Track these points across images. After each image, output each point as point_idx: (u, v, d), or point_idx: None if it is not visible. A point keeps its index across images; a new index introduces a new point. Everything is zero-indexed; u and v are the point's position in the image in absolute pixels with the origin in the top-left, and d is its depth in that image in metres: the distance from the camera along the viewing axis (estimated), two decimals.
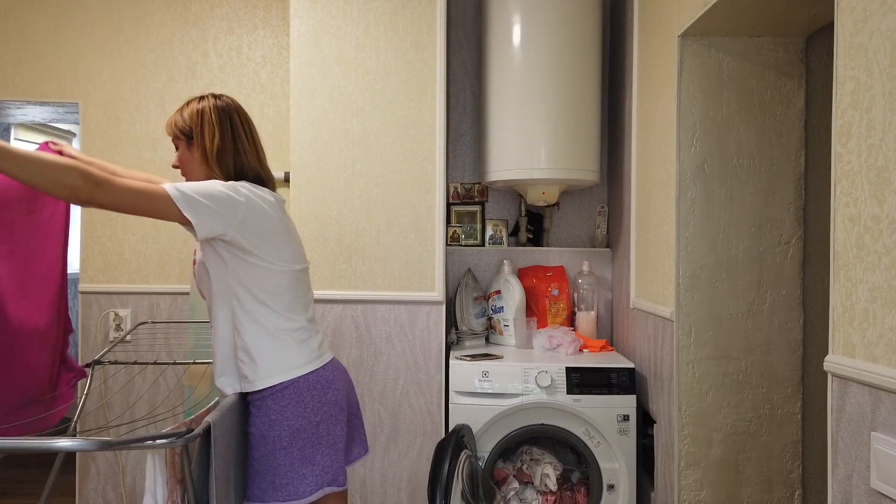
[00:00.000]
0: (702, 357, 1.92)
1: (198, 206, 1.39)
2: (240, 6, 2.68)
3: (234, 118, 1.59)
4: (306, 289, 1.62)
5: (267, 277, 1.50)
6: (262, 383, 1.49)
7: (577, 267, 2.83)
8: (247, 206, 1.45)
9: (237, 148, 1.56)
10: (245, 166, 1.57)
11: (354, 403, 1.71)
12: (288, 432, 1.48)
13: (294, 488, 1.47)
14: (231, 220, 1.43)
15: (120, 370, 2.55)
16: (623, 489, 2.25)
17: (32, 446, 1.18)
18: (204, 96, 1.60)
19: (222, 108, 1.58)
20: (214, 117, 1.56)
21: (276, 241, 1.51)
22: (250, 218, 1.46)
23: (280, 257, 1.52)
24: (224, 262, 1.48)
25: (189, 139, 1.56)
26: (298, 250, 1.61)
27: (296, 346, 1.53)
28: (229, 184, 1.47)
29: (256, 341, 1.50)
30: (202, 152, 1.55)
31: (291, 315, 1.54)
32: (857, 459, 1.12)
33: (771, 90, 1.91)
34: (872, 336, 1.08)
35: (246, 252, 1.47)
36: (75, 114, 2.80)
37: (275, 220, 1.52)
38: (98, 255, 2.65)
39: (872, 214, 1.08)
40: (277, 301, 1.51)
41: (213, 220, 1.41)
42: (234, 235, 1.44)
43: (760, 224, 1.92)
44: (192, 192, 1.39)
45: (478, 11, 2.88)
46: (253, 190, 1.50)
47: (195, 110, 1.56)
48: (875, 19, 1.08)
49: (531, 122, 2.45)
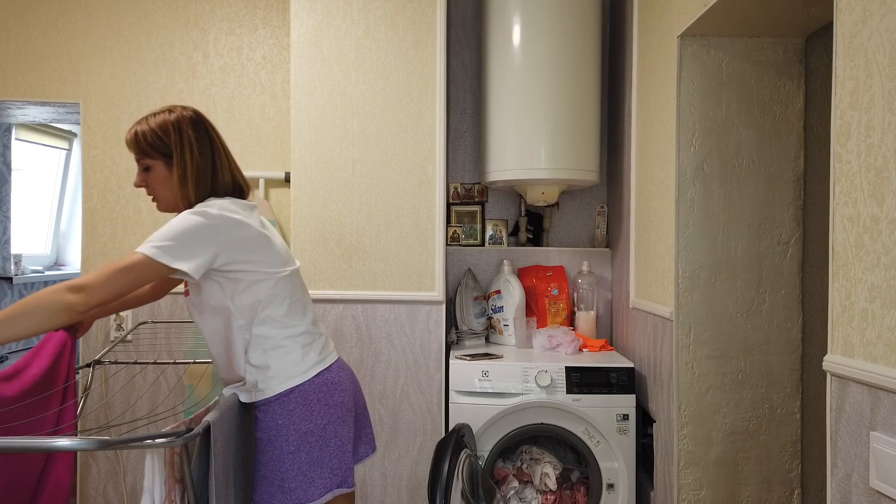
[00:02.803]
0: (701, 357, 1.92)
1: (180, 251, 1.34)
2: (240, 6, 2.69)
3: (209, 131, 1.50)
4: (302, 291, 1.59)
5: (260, 289, 1.46)
6: (272, 391, 1.49)
7: (576, 267, 2.83)
8: (223, 224, 1.40)
9: (215, 164, 1.49)
10: (220, 182, 1.49)
11: (361, 403, 1.70)
12: (296, 437, 1.47)
13: (304, 492, 1.46)
14: (215, 244, 1.38)
15: (120, 370, 2.55)
16: (622, 488, 2.25)
17: (32, 446, 1.18)
18: (172, 108, 1.49)
19: (197, 120, 1.48)
20: (192, 132, 1.46)
21: (259, 250, 1.47)
22: (230, 234, 1.41)
23: (269, 265, 1.48)
24: (220, 288, 1.44)
25: (167, 157, 1.45)
26: (284, 253, 1.55)
27: (300, 351, 1.52)
28: (196, 210, 1.40)
29: (262, 355, 1.49)
30: (181, 172, 1.45)
31: (291, 321, 1.52)
32: (856, 459, 1.12)
33: (770, 90, 1.91)
34: (871, 336, 1.08)
35: (236, 270, 1.43)
36: (76, 114, 2.80)
37: (252, 230, 1.46)
38: (99, 255, 2.65)
39: (871, 214, 1.08)
40: (276, 310, 1.49)
41: (202, 254, 1.36)
42: (223, 258, 1.40)
43: (760, 224, 1.92)
44: (168, 241, 1.34)
45: (478, 11, 2.88)
46: (222, 205, 1.44)
47: (169, 123, 1.45)
48: (874, 19, 1.08)
49: (531, 122, 2.45)
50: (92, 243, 2.65)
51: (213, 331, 1.51)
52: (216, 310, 1.48)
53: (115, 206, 2.65)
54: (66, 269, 4.30)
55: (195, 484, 1.33)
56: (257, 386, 1.50)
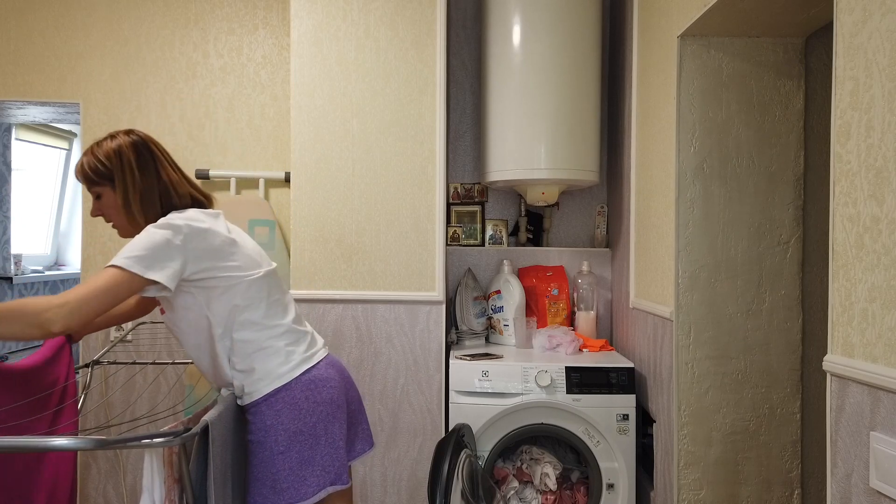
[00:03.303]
0: (701, 357, 1.92)
1: (151, 261, 1.34)
2: (240, 7, 2.69)
3: (153, 150, 1.51)
4: (280, 291, 1.58)
5: (235, 294, 1.46)
6: (259, 393, 1.49)
7: (576, 267, 2.83)
8: (189, 233, 1.41)
9: (163, 185, 1.49)
10: (175, 201, 1.50)
11: (355, 399, 1.69)
12: (285, 437, 1.47)
13: (296, 491, 1.46)
14: (183, 253, 1.39)
15: (120, 370, 2.55)
16: (622, 488, 2.25)
17: (31, 445, 1.18)
18: (114, 135, 1.50)
19: (139, 143, 1.49)
20: (133, 156, 1.47)
21: (229, 255, 1.47)
22: (198, 243, 1.42)
23: (240, 268, 1.48)
24: (195, 299, 1.44)
25: (112, 182, 1.47)
26: (255, 255, 1.54)
27: (284, 351, 1.52)
28: (161, 222, 1.41)
29: (246, 359, 1.49)
30: (124, 195, 1.46)
31: (272, 321, 1.52)
32: (856, 459, 1.12)
33: (770, 90, 1.91)
34: (871, 336, 1.08)
35: (208, 278, 1.43)
36: (76, 114, 2.80)
37: (220, 236, 1.46)
38: (99, 255, 2.65)
39: (871, 214, 1.08)
40: (254, 312, 1.49)
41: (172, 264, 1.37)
42: (192, 266, 1.41)
43: (760, 224, 1.92)
44: (140, 252, 1.35)
45: (478, 11, 2.88)
46: (187, 216, 1.45)
47: (111, 150, 1.47)
48: (874, 20, 1.08)
49: (531, 122, 2.45)
50: (92, 243, 2.65)
51: (194, 344, 1.51)
52: (194, 322, 1.48)
53: None
54: (66, 269, 4.30)
55: (194, 483, 1.33)
56: (244, 389, 1.50)
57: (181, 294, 1.44)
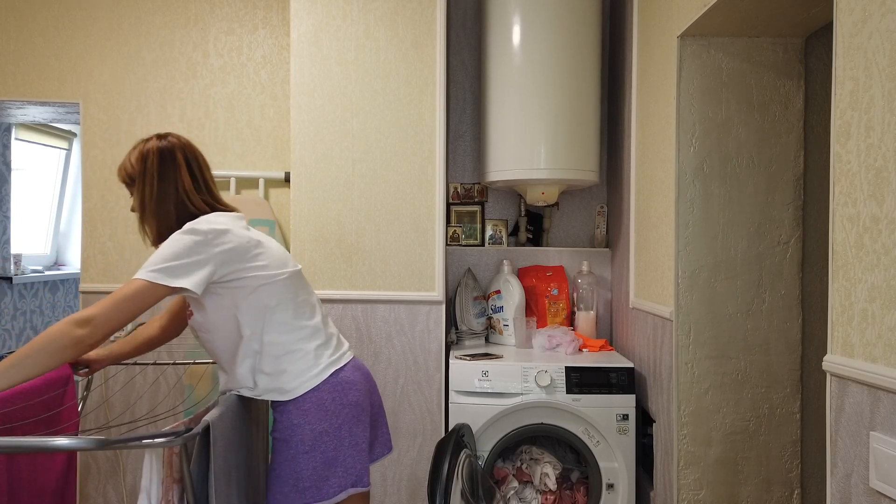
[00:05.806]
0: (701, 357, 1.92)
1: (177, 270, 1.36)
2: (240, 6, 2.69)
3: (176, 158, 1.51)
4: (307, 292, 1.59)
5: (263, 294, 1.47)
6: (289, 395, 1.49)
7: (576, 267, 2.83)
8: (214, 237, 1.42)
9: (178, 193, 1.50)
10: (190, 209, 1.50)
11: (377, 403, 1.70)
12: (311, 436, 1.48)
13: (318, 490, 1.47)
14: (210, 257, 1.40)
15: (120, 370, 2.55)
16: (622, 488, 2.25)
17: (31, 445, 1.18)
18: (150, 138, 1.53)
19: (165, 149, 1.50)
20: (157, 162, 1.49)
21: (254, 255, 1.48)
22: (223, 245, 1.43)
23: (267, 268, 1.48)
24: (224, 300, 1.45)
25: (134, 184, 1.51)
26: (281, 256, 1.55)
27: (313, 353, 1.52)
28: (185, 228, 1.42)
29: (275, 361, 1.49)
30: (140, 201, 1.49)
31: (300, 322, 1.53)
32: (855, 459, 1.12)
33: (770, 90, 1.91)
34: (871, 336, 1.08)
35: (237, 279, 1.44)
36: (76, 114, 2.80)
37: (243, 238, 1.47)
38: (99, 255, 2.65)
39: (871, 214, 1.08)
40: (283, 313, 1.50)
41: (200, 270, 1.38)
42: (221, 270, 1.42)
43: (759, 224, 1.92)
44: (166, 263, 1.36)
45: (478, 11, 2.88)
46: (209, 219, 1.46)
47: (140, 153, 1.50)
48: (874, 20, 1.08)
49: (531, 122, 2.45)
50: (92, 243, 2.65)
51: (223, 348, 1.51)
52: (223, 324, 1.48)
53: (115, 206, 2.65)
54: (66, 269, 4.30)
55: (195, 484, 1.33)
56: (273, 390, 1.50)
57: (209, 295, 1.45)
